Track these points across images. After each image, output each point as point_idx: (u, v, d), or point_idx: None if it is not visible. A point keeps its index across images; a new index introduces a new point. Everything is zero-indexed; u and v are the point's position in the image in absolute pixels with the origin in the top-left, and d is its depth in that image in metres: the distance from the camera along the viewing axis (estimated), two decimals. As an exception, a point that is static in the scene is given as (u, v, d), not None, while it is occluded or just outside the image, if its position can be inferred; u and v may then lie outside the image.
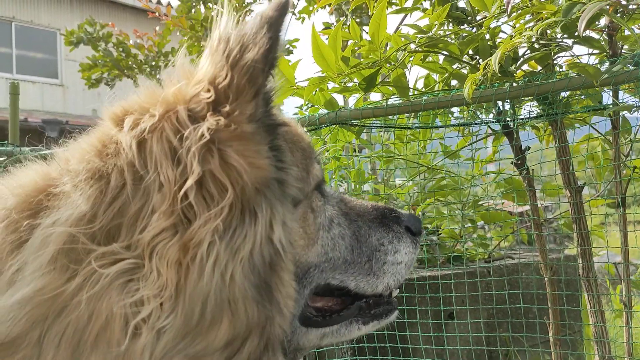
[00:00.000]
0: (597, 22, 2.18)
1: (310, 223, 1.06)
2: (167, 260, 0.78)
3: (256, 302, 0.82)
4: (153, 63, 8.25)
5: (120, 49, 8.18)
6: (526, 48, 2.25)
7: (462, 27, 2.44)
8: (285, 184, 0.92)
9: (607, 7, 1.70)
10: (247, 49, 0.86)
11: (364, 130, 3.24)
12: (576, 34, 1.86)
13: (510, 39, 2.05)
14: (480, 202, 3.68)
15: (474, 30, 2.39)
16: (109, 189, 0.81)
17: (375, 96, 6.81)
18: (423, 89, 2.69)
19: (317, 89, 2.57)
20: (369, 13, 2.50)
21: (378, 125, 3.06)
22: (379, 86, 2.56)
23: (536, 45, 2.20)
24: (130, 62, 8.17)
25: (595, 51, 2.25)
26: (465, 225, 3.70)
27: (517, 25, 2.17)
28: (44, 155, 0.98)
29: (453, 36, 2.41)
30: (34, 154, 0.92)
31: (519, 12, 2.08)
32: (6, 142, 4.31)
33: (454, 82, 2.61)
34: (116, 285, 0.76)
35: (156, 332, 0.76)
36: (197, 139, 0.82)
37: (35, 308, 0.75)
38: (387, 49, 2.43)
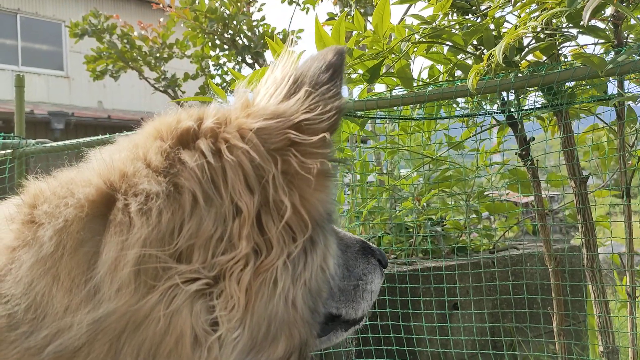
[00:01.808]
0: (602, 12, 2.17)
1: None
2: (241, 283, 0.82)
3: (309, 325, 0.90)
4: (157, 55, 8.25)
5: (125, 41, 8.17)
6: (531, 38, 2.24)
7: (466, 17, 2.42)
8: (331, 216, 0.98)
9: (613, -4, 1.69)
10: (332, 96, 0.93)
11: (368, 122, 3.24)
12: (581, 23, 1.84)
13: (515, 29, 2.04)
14: (486, 193, 3.68)
15: (479, 20, 2.37)
16: (183, 212, 0.83)
17: (379, 87, 6.79)
18: (427, 80, 2.68)
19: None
20: (373, 3, 2.49)
21: (382, 116, 3.05)
22: (382, 77, 2.56)
23: (541, 36, 2.18)
24: (134, 54, 8.16)
25: (601, 41, 2.23)
26: (470, 216, 3.70)
27: (522, 15, 2.15)
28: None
29: (457, 26, 2.40)
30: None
31: (524, 1, 2.07)
32: (12, 134, 4.33)
33: (458, 73, 2.60)
34: (191, 303, 0.80)
35: (224, 348, 0.81)
36: (279, 172, 0.86)
37: (114, 322, 0.77)
38: (391, 39, 2.42)
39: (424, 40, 2.36)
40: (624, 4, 1.99)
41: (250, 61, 7.47)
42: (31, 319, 0.78)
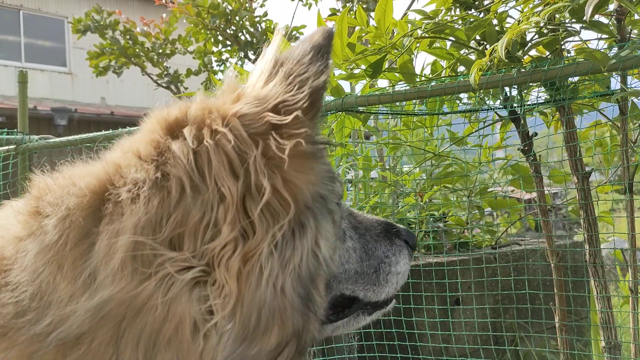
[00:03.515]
0: (606, 7, 2.16)
1: None
2: (231, 270, 0.83)
3: (300, 312, 0.89)
4: (160, 50, 8.24)
5: (128, 37, 8.18)
6: (534, 33, 2.23)
7: (469, 12, 2.42)
8: (326, 199, 0.98)
9: (616, -9, 1.69)
10: (309, 75, 0.92)
11: (371, 117, 3.23)
12: (584, 19, 1.84)
13: (518, 25, 2.03)
14: (489, 189, 3.67)
15: (481, 15, 2.37)
16: (171, 199, 0.84)
17: (382, 83, 6.77)
18: (431, 75, 2.68)
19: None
20: (375, -1, 2.48)
21: (385, 112, 3.05)
22: (385, 73, 2.56)
23: (544, 31, 2.18)
24: (137, 50, 8.17)
25: (604, 36, 2.22)
26: (472, 212, 3.70)
27: (525, 10, 2.15)
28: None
29: (460, 22, 2.40)
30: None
31: (527, -4, 2.06)
32: (16, 130, 4.34)
33: (461, 69, 2.60)
34: (188, 291, 0.81)
35: (220, 337, 0.82)
36: (260, 155, 0.87)
37: (114, 309, 0.79)
38: (394, 35, 2.42)
39: (427, 35, 2.35)
40: (627, -1, 1.98)
41: (252, 57, 7.46)
42: (36, 307, 0.80)
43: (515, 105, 2.53)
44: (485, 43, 2.36)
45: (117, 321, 0.79)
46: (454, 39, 2.39)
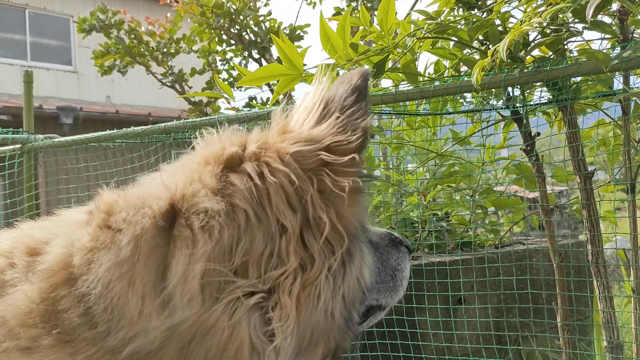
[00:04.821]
0: (609, 7, 2.16)
1: None
2: (292, 296, 0.91)
3: (343, 332, 1.00)
4: (165, 50, 8.27)
5: (132, 36, 8.20)
6: (537, 33, 2.23)
7: (472, 12, 2.42)
8: (365, 227, 1.07)
9: (618, -9, 1.69)
10: (358, 118, 1.01)
11: (375, 117, 3.24)
12: (586, 18, 1.84)
13: (520, 25, 2.04)
14: (493, 189, 3.67)
15: (484, 15, 2.37)
16: (240, 229, 0.91)
17: (385, 83, 6.77)
18: (433, 75, 2.68)
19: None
20: (379, -1, 2.49)
21: (388, 112, 3.06)
22: (388, 73, 2.56)
23: (547, 31, 2.18)
24: (142, 49, 8.19)
25: (607, 36, 2.22)
26: (476, 212, 3.70)
27: (528, 10, 2.15)
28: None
29: (463, 22, 2.40)
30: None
31: (529, -3, 2.06)
32: (21, 129, 4.37)
33: (464, 68, 2.60)
34: (250, 314, 0.89)
35: (279, 355, 0.90)
36: (316, 191, 0.95)
37: (186, 330, 0.86)
38: (397, 35, 2.42)
39: (430, 35, 2.36)
40: (630, 0, 1.98)
41: (256, 56, 7.48)
42: (108, 319, 0.85)
43: (518, 105, 2.54)
44: (488, 43, 2.36)
45: (187, 341, 0.86)
46: (456, 39, 2.39)
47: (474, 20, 2.34)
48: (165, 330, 0.85)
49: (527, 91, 2.54)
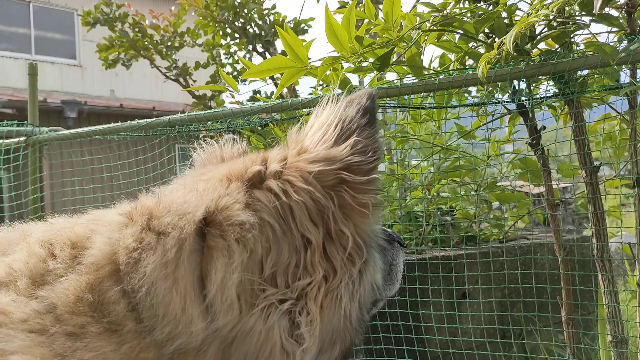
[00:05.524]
0: (615, 0, 2.14)
1: None
2: (316, 303, 1.01)
3: (357, 331, 1.10)
4: (169, 43, 8.26)
5: (137, 30, 8.19)
6: (543, 26, 2.22)
7: (477, 4, 2.41)
8: (377, 234, 1.16)
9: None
10: (373, 138, 1.09)
11: (379, 110, 3.23)
12: (593, 11, 1.82)
13: (527, 17, 2.02)
14: (498, 183, 3.66)
15: (490, 8, 2.35)
16: (270, 242, 1.00)
17: (390, 76, 6.75)
18: (439, 69, 2.67)
19: (331, 69, 2.57)
20: (384, -9, 2.47)
21: (392, 105, 3.05)
22: (393, 66, 2.55)
23: (554, 23, 2.17)
24: (146, 43, 8.18)
25: (615, 29, 2.21)
26: (481, 206, 3.69)
27: (535, 2, 2.13)
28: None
29: (468, 14, 2.38)
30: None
31: (536, -11, 2.05)
32: (26, 122, 4.38)
33: (470, 62, 2.58)
34: (281, 320, 0.98)
35: (304, 353, 0.99)
36: (337, 207, 1.04)
37: (227, 333, 0.95)
38: (402, 28, 2.41)
39: (435, 28, 2.35)
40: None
41: (261, 50, 7.46)
42: (152, 315, 0.92)
43: (523, 98, 2.52)
44: (494, 36, 2.35)
45: (227, 343, 0.95)
46: (462, 32, 2.38)
47: (480, 12, 2.33)
48: (208, 332, 0.93)
49: (533, 84, 2.53)
